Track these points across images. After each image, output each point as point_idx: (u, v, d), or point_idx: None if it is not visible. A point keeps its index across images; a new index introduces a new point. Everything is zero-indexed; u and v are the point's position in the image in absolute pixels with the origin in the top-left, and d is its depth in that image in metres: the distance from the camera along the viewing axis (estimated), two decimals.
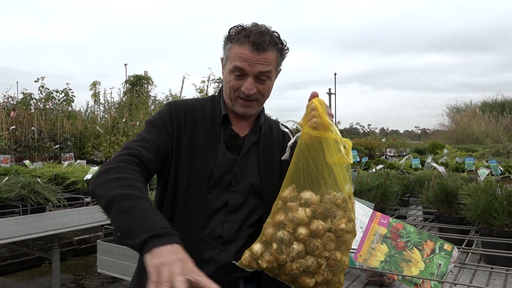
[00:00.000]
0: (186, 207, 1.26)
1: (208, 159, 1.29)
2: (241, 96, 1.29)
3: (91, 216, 4.10)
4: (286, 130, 1.23)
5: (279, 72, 1.40)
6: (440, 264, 1.49)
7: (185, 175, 1.27)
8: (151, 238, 0.95)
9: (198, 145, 1.30)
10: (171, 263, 0.90)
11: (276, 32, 1.31)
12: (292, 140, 1.23)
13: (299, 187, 1.11)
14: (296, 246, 1.05)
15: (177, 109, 1.34)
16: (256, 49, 1.24)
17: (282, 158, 1.28)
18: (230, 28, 1.31)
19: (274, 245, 1.07)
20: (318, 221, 1.06)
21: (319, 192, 1.09)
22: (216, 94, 1.45)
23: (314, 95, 1.17)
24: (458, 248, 1.62)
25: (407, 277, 1.47)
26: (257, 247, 1.11)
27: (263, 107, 1.44)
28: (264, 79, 1.29)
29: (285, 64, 1.40)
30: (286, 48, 1.34)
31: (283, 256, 1.06)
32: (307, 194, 1.08)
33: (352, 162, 1.11)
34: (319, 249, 1.05)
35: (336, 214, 1.07)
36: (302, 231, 1.05)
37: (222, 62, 1.39)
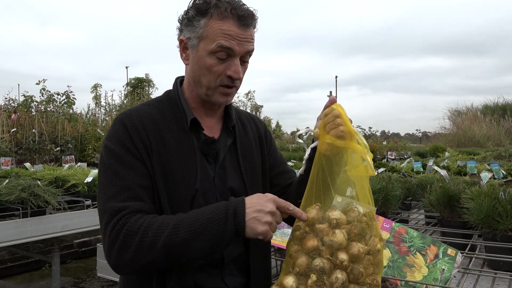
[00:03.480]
0: None
1: (187, 178, 1.08)
2: (224, 83, 1.09)
3: (91, 219, 4.09)
4: (301, 141, 1.10)
5: None
6: (443, 269, 1.47)
7: (165, 200, 1.06)
8: (234, 220, 0.94)
9: (171, 164, 1.07)
10: (266, 212, 0.94)
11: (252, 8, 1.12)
12: (308, 151, 1.09)
13: (324, 206, 0.99)
14: (340, 275, 0.91)
15: (134, 124, 1.08)
16: (243, 24, 1.06)
17: (298, 173, 1.15)
18: (200, 2, 1.08)
19: (313, 277, 0.91)
20: (357, 244, 0.92)
21: (341, 210, 0.98)
22: (171, 92, 1.21)
23: (332, 101, 1.04)
24: (461, 253, 1.60)
25: (410, 283, 1.45)
26: (290, 281, 0.94)
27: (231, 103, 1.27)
28: (247, 61, 1.12)
29: (284, 67, 1.30)
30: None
31: None
32: (335, 214, 0.95)
33: (375, 174, 1.03)
34: (363, 275, 0.92)
35: (366, 233, 0.95)
36: (344, 257, 0.91)
37: (182, 44, 1.14)
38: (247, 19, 1.07)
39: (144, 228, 0.95)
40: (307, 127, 1.11)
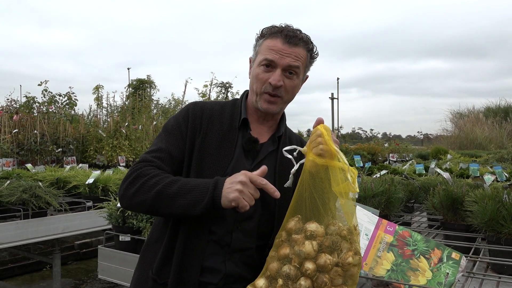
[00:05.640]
0: None
1: (220, 162, 1.26)
2: (267, 90, 1.27)
3: (92, 220, 4.09)
4: (289, 156, 1.19)
5: (306, 78, 1.38)
6: (448, 273, 1.46)
7: (195, 176, 1.25)
8: (214, 190, 1.10)
9: (211, 147, 1.27)
10: (237, 181, 1.09)
11: (308, 35, 1.32)
12: (296, 167, 1.17)
13: (304, 218, 1.07)
14: (304, 282, 1.00)
15: (195, 111, 1.33)
16: (288, 42, 1.25)
17: (284, 186, 1.23)
18: (263, 28, 1.33)
19: (280, 281, 1.02)
20: (325, 255, 1.01)
21: (323, 223, 1.05)
22: (238, 99, 1.42)
23: (319, 121, 1.14)
24: (465, 257, 1.59)
25: (414, 287, 1.43)
26: (260, 282, 1.06)
27: (285, 117, 1.42)
28: (292, 74, 1.28)
29: None
30: (316, 52, 1.34)
31: None
32: (312, 226, 1.04)
33: (358, 191, 1.07)
34: (327, 285, 1.00)
35: (342, 247, 1.03)
36: (310, 266, 1.00)
37: (250, 62, 1.38)
38: (292, 38, 1.25)
39: (152, 175, 1.18)
40: (296, 146, 1.21)
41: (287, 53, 1.25)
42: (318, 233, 1.03)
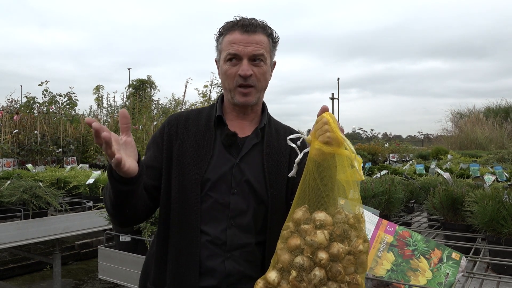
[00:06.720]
0: (180, 212, 1.25)
1: (200, 163, 1.26)
2: (239, 83, 1.27)
3: (93, 220, 4.09)
4: (293, 145, 1.17)
5: (274, 64, 1.38)
6: (448, 273, 1.46)
7: (177, 181, 1.26)
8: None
9: (188, 151, 1.28)
10: None
11: (264, 21, 1.31)
12: (300, 156, 1.15)
13: (310, 208, 1.05)
14: (318, 273, 0.99)
15: (170, 122, 1.35)
16: (246, 31, 1.26)
17: (289, 175, 1.22)
18: (220, 27, 1.33)
19: (294, 273, 0.99)
20: (338, 244, 1.00)
21: (329, 212, 1.04)
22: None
23: (324, 109, 1.11)
24: (465, 257, 1.59)
25: (414, 287, 1.43)
26: (273, 275, 1.03)
27: (266, 108, 1.41)
28: (259, 62, 1.27)
29: (284, 70, 1.38)
30: (276, 35, 1.33)
31: (304, 284, 0.99)
32: (321, 215, 1.02)
33: (364, 178, 1.06)
34: (341, 274, 0.99)
35: (351, 235, 1.02)
36: (323, 255, 0.99)
37: (216, 63, 1.38)
38: (249, 26, 1.26)
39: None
40: (300, 134, 1.19)
41: (247, 42, 1.25)
42: (327, 222, 1.02)
